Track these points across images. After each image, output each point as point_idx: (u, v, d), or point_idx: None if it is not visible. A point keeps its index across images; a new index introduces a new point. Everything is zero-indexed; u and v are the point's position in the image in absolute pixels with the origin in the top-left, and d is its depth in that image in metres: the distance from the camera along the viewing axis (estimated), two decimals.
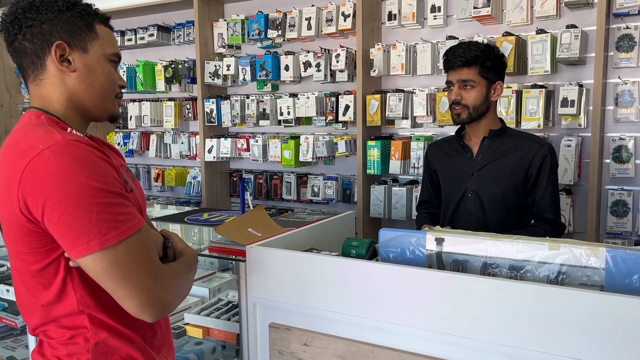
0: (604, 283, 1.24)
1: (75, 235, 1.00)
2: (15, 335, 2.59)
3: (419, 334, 1.33)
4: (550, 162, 2.01)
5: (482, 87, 1.99)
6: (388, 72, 3.06)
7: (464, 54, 1.97)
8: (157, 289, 1.07)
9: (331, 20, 3.17)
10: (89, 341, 1.12)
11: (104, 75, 1.19)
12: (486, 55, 1.98)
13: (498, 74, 2.03)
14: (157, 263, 1.10)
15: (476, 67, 1.97)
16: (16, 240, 1.09)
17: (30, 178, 1.00)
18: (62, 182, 0.99)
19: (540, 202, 2.02)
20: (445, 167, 2.18)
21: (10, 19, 1.14)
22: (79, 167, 1.00)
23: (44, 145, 1.01)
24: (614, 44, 2.57)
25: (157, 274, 1.08)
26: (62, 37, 1.14)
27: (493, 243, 1.36)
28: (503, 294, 1.23)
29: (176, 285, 1.13)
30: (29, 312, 1.17)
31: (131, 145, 4.13)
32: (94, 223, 1.00)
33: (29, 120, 1.13)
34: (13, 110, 4.66)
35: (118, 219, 1.02)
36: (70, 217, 0.99)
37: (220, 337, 1.98)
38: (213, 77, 3.60)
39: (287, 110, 3.35)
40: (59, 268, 1.08)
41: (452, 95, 2.02)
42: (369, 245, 1.59)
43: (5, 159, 1.08)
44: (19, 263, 1.13)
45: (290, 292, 1.52)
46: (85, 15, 1.18)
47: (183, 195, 4.01)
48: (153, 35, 3.86)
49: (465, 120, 2.03)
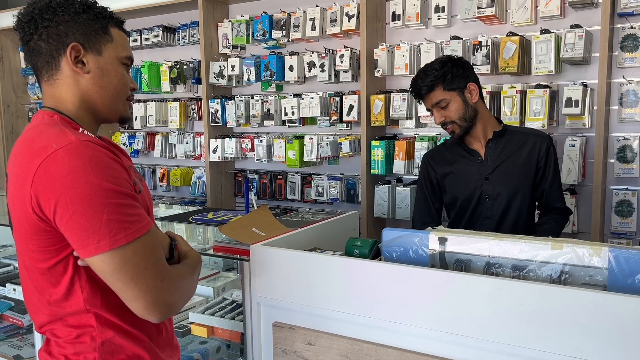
0: (606, 283, 1.24)
1: (86, 235, 1.01)
2: (21, 334, 2.61)
3: (422, 333, 1.34)
4: (553, 152, 2.07)
5: (455, 98, 2.00)
6: (392, 72, 3.06)
7: (422, 82, 2.01)
8: (164, 291, 1.08)
9: (335, 20, 3.17)
10: (96, 340, 1.13)
11: (117, 78, 1.21)
12: (442, 72, 1.98)
13: (464, 78, 2.01)
14: (164, 265, 1.11)
15: (439, 86, 1.99)
16: (27, 239, 1.10)
17: (44, 177, 1.01)
18: (75, 182, 1.00)
19: (550, 192, 2.07)
20: (453, 172, 2.13)
21: (26, 19, 1.16)
22: (91, 167, 1.02)
23: (58, 145, 1.03)
24: (618, 43, 2.57)
25: (164, 275, 1.09)
26: (78, 39, 1.16)
27: (496, 243, 1.36)
28: (506, 294, 1.23)
29: (181, 287, 1.14)
30: (37, 310, 1.18)
31: (136, 145, 4.15)
32: (105, 223, 1.01)
33: (42, 120, 1.15)
34: (19, 110, 4.69)
35: (128, 219, 1.04)
36: (82, 217, 1.00)
37: (224, 336, 1.99)
38: (218, 78, 3.62)
39: (291, 111, 3.36)
40: (67, 267, 1.10)
41: (436, 119, 2.05)
42: (372, 244, 1.60)
43: (18, 157, 1.09)
44: (28, 261, 1.14)
45: (294, 292, 1.53)
46: (101, 18, 1.20)
47: (188, 195, 4.03)
48: (158, 35, 3.88)
49: (461, 132, 2.05)
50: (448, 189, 2.16)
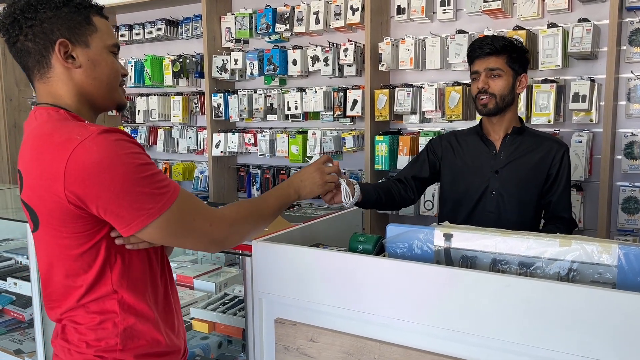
0: (616, 280, 1.21)
1: (135, 209, 1.07)
2: (22, 329, 2.61)
3: (427, 331, 1.32)
4: (568, 162, 2.02)
5: (509, 76, 1.96)
6: (397, 67, 3.03)
7: (492, 42, 1.96)
8: (215, 232, 1.20)
9: (339, 14, 3.14)
10: (118, 326, 1.17)
11: (108, 67, 1.22)
12: (513, 46, 1.97)
13: (523, 67, 2.01)
14: (207, 209, 1.19)
15: (504, 56, 1.95)
16: (60, 228, 1.12)
17: (77, 168, 1.04)
18: (110, 166, 1.04)
19: (558, 201, 2.01)
20: (464, 160, 2.08)
21: (9, 21, 1.15)
22: (119, 150, 1.06)
23: (82, 137, 1.05)
24: (626, 38, 2.54)
25: (212, 219, 1.19)
26: (64, 34, 1.15)
27: (502, 239, 1.34)
28: (512, 291, 1.21)
29: (235, 223, 1.25)
30: (62, 298, 1.20)
31: (139, 139, 4.14)
32: (148, 195, 1.08)
33: (49, 116, 1.15)
34: (22, 104, 4.68)
35: (164, 184, 1.11)
36: (126, 197, 1.06)
37: (226, 332, 1.98)
38: (221, 72, 3.59)
39: (294, 105, 3.33)
40: (99, 250, 1.14)
41: (478, 84, 1.97)
42: (376, 240, 1.58)
43: (38, 152, 1.10)
44: (59, 250, 1.16)
45: (297, 288, 1.51)
46: (82, 8, 1.19)
47: (190, 190, 4.02)
48: (161, 29, 3.86)
49: (492, 110, 1.97)
50: (455, 177, 2.10)
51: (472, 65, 2.01)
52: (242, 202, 1.36)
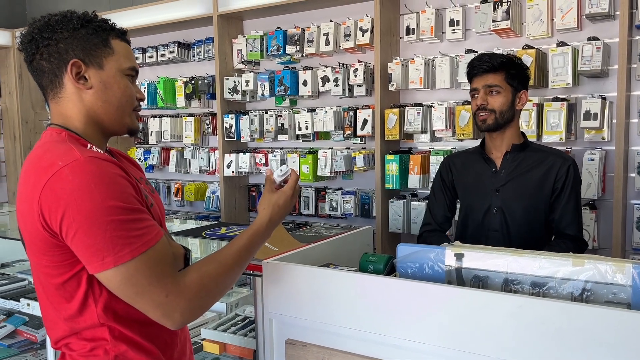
0: (630, 301, 1.20)
1: (91, 252, 1.02)
2: (35, 349, 2.61)
3: (438, 352, 1.30)
4: (573, 177, 1.97)
5: (507, 93, 1.97)
6: (406, 86, 3.05)
7: (490, 59, 1.97)
8: (170, 305, 1.07)
9: (349, 35, 3.18)
10: (109, 353, 1.14)
11: (120, 90, 1.21)
12: (511, 63, 1.98)
13: (522, 83, 2.01)
14: (170, 278, 1.08)
15: (502, 72, 1.96)
16: (40, 255, 1.11)
17: (50, 195, 1.03)
18: (79, 199, 1.01)
19: (562, 217, 1.96)
20: (467, 179, 2.11)
21: (28, 39, 1.17)
22: (95, 184, 1.02)
23: (63, 163, 1.04)
24: (637, 56, 2.53)
25: (169, 290, 1.07)
26: (78, 55, 1.16)
27: (514, 259, 1.32)
28: (525, 311, 1.19)
29: (199, 294, 1.11)
30: (53, 325, 1.18)
31: (151, 160, 4.18)
32: (109, 240, 1.02)
33: (50, 137, 1.16)
34: (38, 126, 4.76)
35: (132, 234, 1.04)
36: (85, 235, 1.01)
37: (236, 353, 1.96)
38: (232, 93, 3.63)
39: (305, 125, 3.36)
40: (80, 281, 1.10)
41: (477, 100, 1.98)
42: (386, 260, 1.57)
43: (27, 175, 1.10)
44: (43, 277, 1.15)
45: (307, 308, 1.50)
46: (101, 31, 1.19)
47: (202, 210, 4.03)
48: (174, 52, 3.92)
49: (492, 125, 1.98)
50: (460, 194, 2.14)
51: (471, 83, 2.03)
52: (209, 263, 1.16)
